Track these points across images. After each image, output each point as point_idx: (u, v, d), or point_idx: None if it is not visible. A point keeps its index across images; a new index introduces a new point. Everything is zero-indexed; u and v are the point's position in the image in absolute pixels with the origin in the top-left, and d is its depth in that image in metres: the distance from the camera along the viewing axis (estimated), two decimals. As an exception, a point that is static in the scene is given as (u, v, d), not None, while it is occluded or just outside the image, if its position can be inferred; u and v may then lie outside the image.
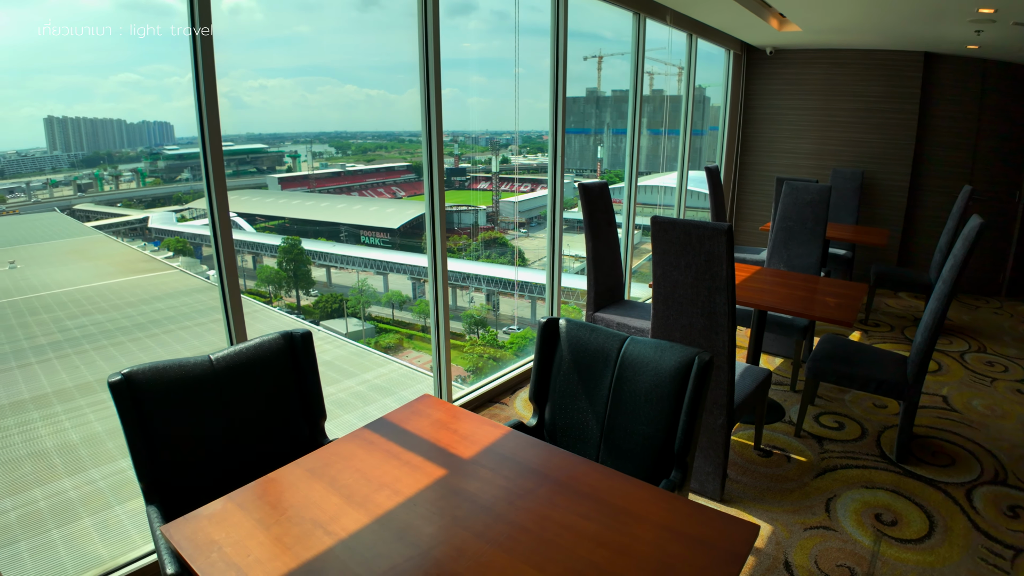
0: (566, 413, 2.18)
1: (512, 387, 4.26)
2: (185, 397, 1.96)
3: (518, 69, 13.48)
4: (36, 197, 11.92)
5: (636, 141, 5.36)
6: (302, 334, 2.17)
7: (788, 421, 3.85)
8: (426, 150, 3.37)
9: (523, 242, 15.80)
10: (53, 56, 12.62)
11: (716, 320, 2.73)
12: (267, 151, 14.66)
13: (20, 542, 3.75)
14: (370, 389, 7.57)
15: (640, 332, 3.74)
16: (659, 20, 5.22)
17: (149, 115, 13.47)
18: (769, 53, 7.24)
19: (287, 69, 17.79)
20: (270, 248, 13.45)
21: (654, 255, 2.82)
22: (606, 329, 2.16)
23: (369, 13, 19.82)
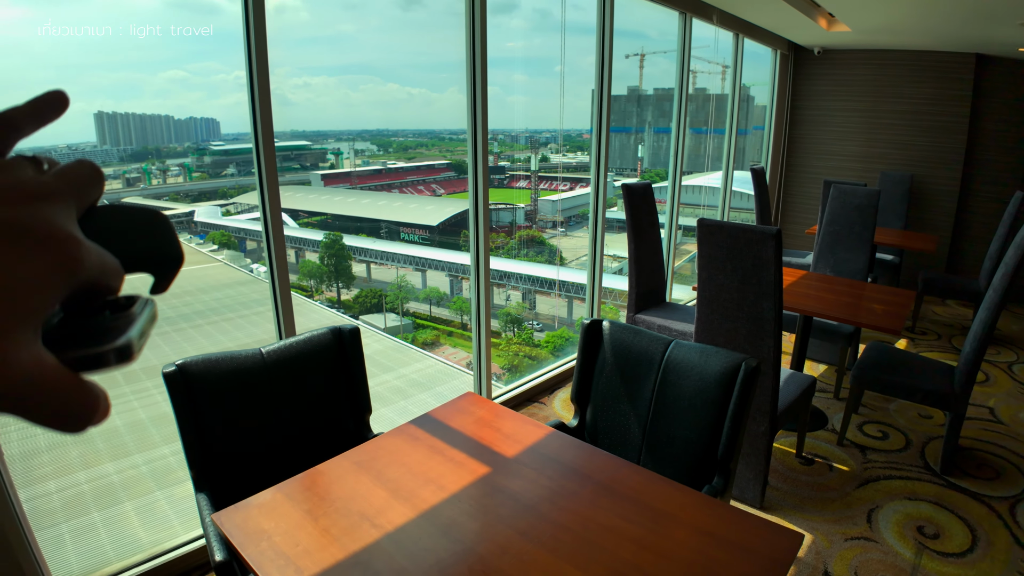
0: (608, 415, 2.19)
1: (551, 387, 4.27)
2: (236, 389, 2.01)
3: (559, 67, 13.43)
4: (87, 189, 12.20)
5: (681, 141, 5.31)
6: (350, 330, 2.21)
7: (831, 429, 3.79)
8: (471, 148, 3.40)
9: (561, 241, 15.78)
10: (105, 53, 12.94)
11: (762, 325, 2.71)
12: (311, 148, 14.89)
13: (61, 524, 3.87)
14: (408, 384, 7.64)
15: (682, 335, 3.72)
16: (706, 20, 5.17)
17: (196, 111, 13.76)
18: (817, 53, 7.11)
19: (331, 67, 18.03)
20: (312, 243, 13.66)
21: (700, 258, 2.80)
22: (650, 332, 2.16)
23: (412, 12, 19.96)
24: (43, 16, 10.83)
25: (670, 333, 3.79)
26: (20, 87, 11.39)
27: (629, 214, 3.89)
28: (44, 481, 4.51)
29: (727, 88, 6.64)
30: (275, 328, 2.68)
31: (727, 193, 6.57)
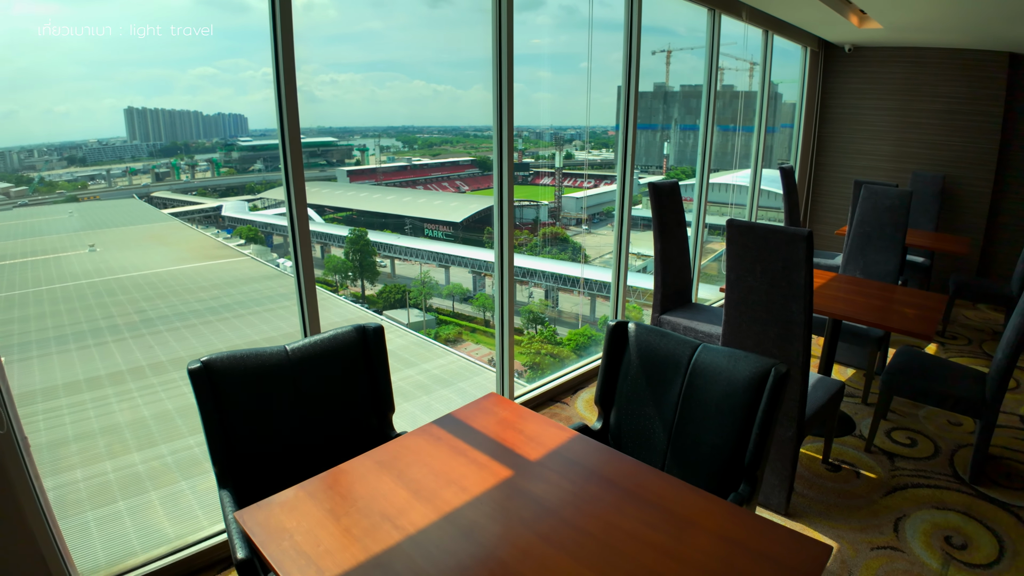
0: (632, 418, 2.16)
1: (574, 387, 4.24)
2: (260, 385, 2.01)
3: (585, 64, 13.29)
4: (116, 184, 12.51)
5: (709, 139, 5.24)
6: (374, 328, 2.20)
7: (859, 435, 3.72)
8: (496, 145, 3.38)
9: (584, 238, 15.74)
10: (137, 50, 13.14)
11: (791, 329, 2.66)
12: (337, 144, 15.03)
13: (87, 513, 3.92)
14: (430, 379, 7.64)
15: (708, 337, 3.67)
16: (735, 16, 5.10)
17: (225, 107, 13.98)
18: (848, 51, 6.99)
19: (358, 64, 18.14)
20: (337, 239, 13.77)
21: (728, 259, 2.76)
22: (677, 335, 2.12)
23: (439, 9, 19.99)
24: (77, 13, 10.80)
25: (696, 335, 3.74)
26: (54, 82, 11.42)
27: (656, 213, 3.84)
28: (71, 470, 4.59)
29: (755, 85, 6.54)
30: (300, 324, 2.69)
31: (755, 192, 6.48)
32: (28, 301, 9.32)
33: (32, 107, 13.47)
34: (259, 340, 8.75)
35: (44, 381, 6.80)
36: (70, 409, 6.00)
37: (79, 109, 14.76)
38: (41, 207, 11.97)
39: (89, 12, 13.62)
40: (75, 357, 7.64)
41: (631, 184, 4.36)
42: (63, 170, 12.03)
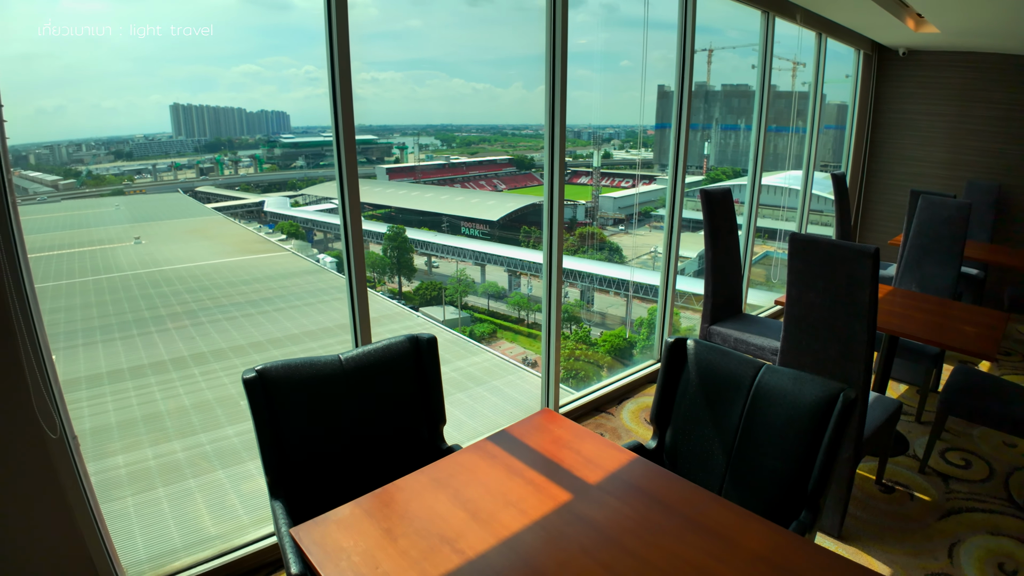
0: (689, 439, 2.09)
1: (619, 397, 4.17)
2: (314, 395, 2.00)
3: (626, 62, 13.18)
4: (161, 178, 12.76)
5: (761, 141, 5.12)
6: (428, 339, 2.17)
7: (912, 455, 3.60)
8: (547, 145, 3.35)
9: (621, 238, 15.60)
10: (182, 47, 13.34)
11: (853, 348, 2.56)
12: (377, 142, 15.13)
13: (127, 498, 3.97)
14: (464, 377, 7.63)
15: (760, 349, 3.58)
16: (788, 19, 4.99)
17: (268, 104, 14.15)
18: (902, 54, 6.79)
19: (398, 63, 18.24)
20: (376, 235, 13.86)
21: (789, 274, 2.67)
22: (738, 354, 2.05)
23: (479, 7, 20.01)
24: (122, 10, 10.98)
25: (747, 347, 3.65)
26: (101, 79, 11.62)
27: (707, 221, 3.75)
28: (113, 455, 4.66)
29: (798, 85, 6.39)
30: (351, 334, 2.68)
31: (806, 196, 6.31)
32: (75, 291, 9.53)
33: (80, 102, 13.78)
34: (298, 334, 8.86)
35: (88, 369, 6.94)
36: (113, 396, 6.12)
37: (126, 105, 15.06)
38: (88, 200, 12.24)
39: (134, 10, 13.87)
40: (119, 346, 7.78)
41: (682, 185, 4.27)
42: (110, 164, 12.28)
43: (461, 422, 5.37)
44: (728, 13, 4.66)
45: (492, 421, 5.56)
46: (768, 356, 3.53)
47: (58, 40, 12.09)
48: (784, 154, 7.67)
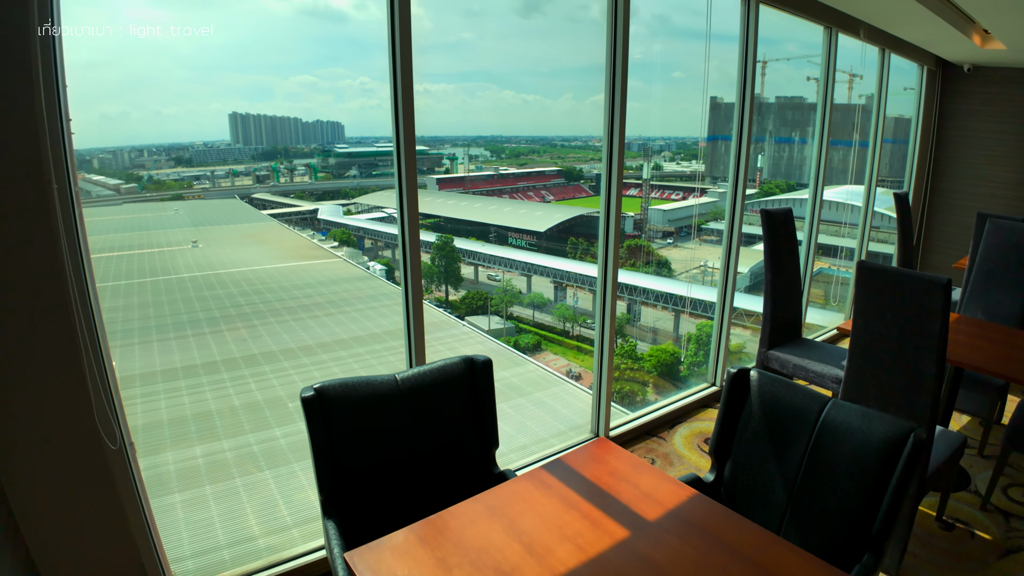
0: (750, 474, 2.02)
1: (671, 421, 4.07)
2: (370, 415, 2.00)
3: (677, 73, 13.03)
4: (219, 184, 13.10)
5: (823, 159, 4.98)
6: (483, 361, 2.15)
7: (974, 491, 3.43)
8: (606, 156, 3.31)
9: (670, 252, 15.41)
10: (242, 56, 13.72)
11: (920, 381, 2.45)
12: (428, 153, 15.31)
13: (175, 494, 4.05)
14: (508, 388, 7.61)
15: (819, 376, 3.46)
16: (852, 35, 4.87)
17: (323, 115, 14.47)
18: (967, 70, 6.56)
19: (451, 74, 18.45)
20: (424, 244, 13.94)
21: (856, 303, 2.58)
22: (804, 387, 1.98)
23: (531, 19, 20.07)
24: (184, 18, 11.33)
25: (806, 374, 3.53)
26: (163, 86, 12.01)
27: (768, 243, 3.64)
28: (163, 452, 4.76)
29: (854, 98, 6.20)
30: (406, 354, 2.68)
31: (868, 214, 6.11)
32: (133, 291, 9.81)
33: (143, 109, 14.29)
34: (347, 339, 8.96)
35: (143, 367, 7.14)
36: (166, 394, 6.27)
37: (186, 112, 15.58)
38: (149, 203, 12.63)
39: (198, 16, 14.37)
40: (174, 345, 7.98)
41: (742, 201, 4.18)
42: (170, 170, 12.67)
43: (509, 436, 5.32)
44: (783, 25, 4.56)
45: (537, 435, 5.52)
46: (828, 384, 3.42)
47: (122, 48, 12.57)
48: (840, 168, 7.48)
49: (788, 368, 3.61)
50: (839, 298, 7.93)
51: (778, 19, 4.43)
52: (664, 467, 3.54)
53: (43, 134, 1.73)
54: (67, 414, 1.91)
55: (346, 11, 18.23)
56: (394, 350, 9.28)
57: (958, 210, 6.81)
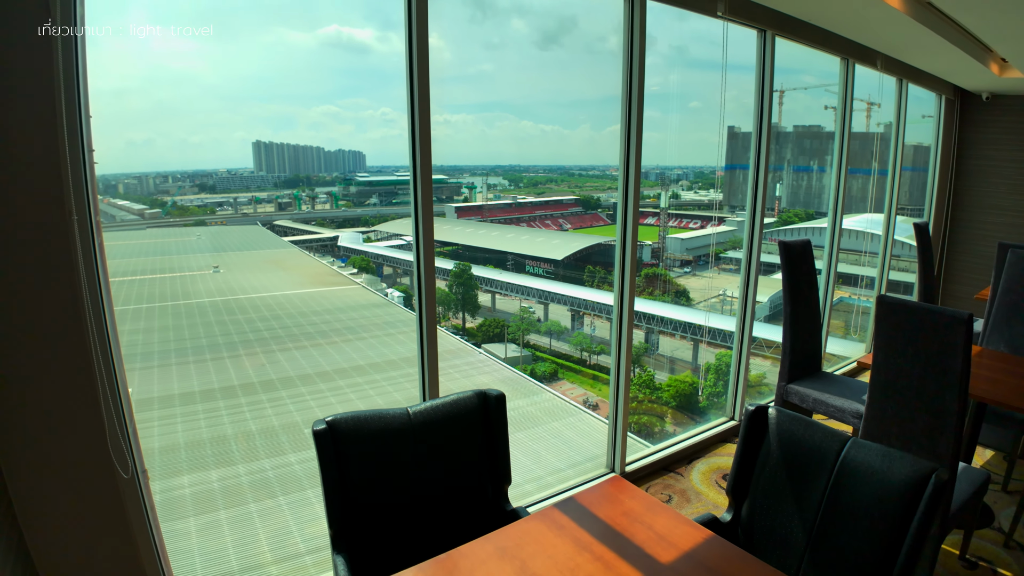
0: (768, 514, 1.96)
1: (689, 456, 3.99)
2: (382, 449, 1.97)
3: (695, 103, 13.10)
4: (241, 211, 13.29)
5: (841, 188, 4.94)
6: (496, 395, 2.12)
7: (998, 528, 3.32)
8: (622, 186, 3.31)
9: (688, 280, 15.34)
10: (267, 87, 14.04)
11: (943, 419, 2.39)
12: (447, 181, 15.48)
13: (190, 518, 4.06)
14: (522, 416, 7.56)
15: (840, 411, 3.39)
16: (869, 65, 4.86)
17: (345, 144, 14.73)
18: (985, 99, 6.50)
19: (470, 105, 18.73)
20: (442, 272, 14.02)
21: (877, 338, 2.52)
22: (823, 426, 1.93)
23: (550, 51, 20.33)
24: (213, 51, 11.69)
25: (826, 408, 3.46)
26: (189, 115, 12.34)
27: (786, 275, 3.59)
28: (179, 475, 4.76)
29: (872, 126, 6.15)
30: (420, 387, 2.66)
31: (888, 243, 6.03)
32: (154, 314, 9.92)
33: (169, 136, 14.62)
34: (363, 365, 8.96)
35: (162, 390, 7.19)
36: (183, 418, 6.30)
37: (211, 140, 15.93)
38: (172, 228, 12.83)
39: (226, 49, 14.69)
40: (192, 369, 8.04)
41: (760, 232, 4.14)
42: (194, 196, 12.90)
43: (525, 467, 5.30)
44: (799, 55, 4.57)
45: (553, 466, 5.47)
46: (849, 419, 3.34)
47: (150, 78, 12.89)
48: (858, 196, 7.42)
49: (808, 403, 3.54)
50: (859, 328, 7.83)
51: (795, 49, 4.44)
52: (681, 504, 3.46)
53: (64, 165, 1.76)
54: (80, 442, 1.90)
55: (369, 43, 18.58)
56: (410, 377, 9.22)
57: (979, 240, 6.71)
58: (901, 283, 8.28)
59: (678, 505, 3.45)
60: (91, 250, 1.88)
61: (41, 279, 1.78)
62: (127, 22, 13.85)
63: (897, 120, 5.79)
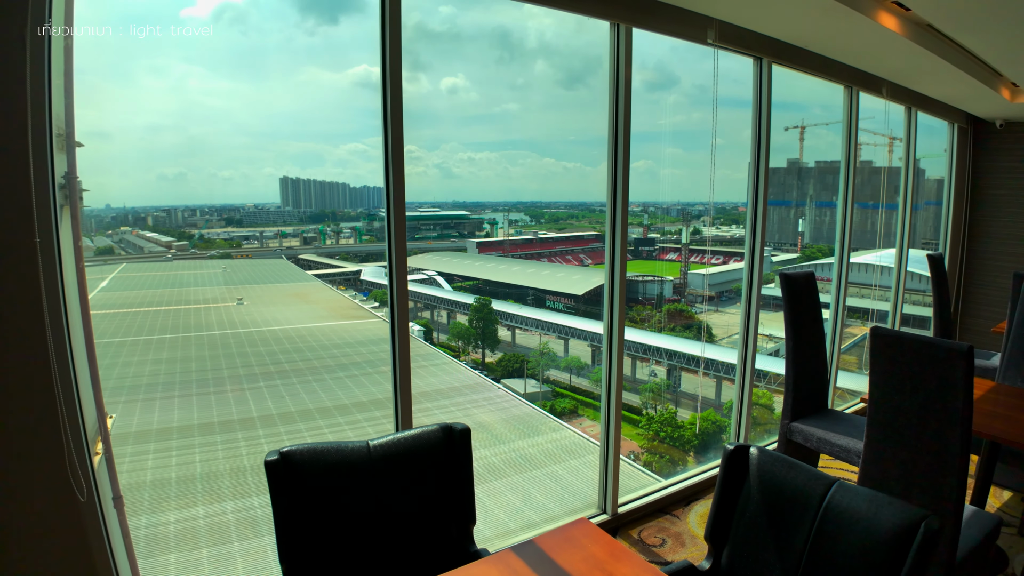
0: (748, 562, 1.80)
1: (687, 497, 3.75)
2: (339, 483, 1.86)
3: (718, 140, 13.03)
4: (267, 245, 13.49)
5: (848, 219, 4.77)
6: (461, 430, 2.00)
7: (1011, 574, 3.06)
8: (609, 222, 3.26)
9: (712, 317, 15.07)
10: (297, 125, 14.48)
11: (944, 460, 2.19)
12: (469, 217, 15.57)
13: (171, 554, 4.02)
14: (540, 453, 7.47)
15: (845, 451, 3.18)
16: (874, 93, 4.71)
17: (370, 181, 15.01)
18: (999, 126, 6.29)
19: (493, 143, 19.04)
20: (463, 306, 14.01)
21: (872, 374, 2.35)
22: (807, 467, 1.77)
23: (575, 91, 20.55)
24: (246, 89, 12.16)
25: (831, 448, 3.25)
26: (220, 150, 12.70)
27: (788, 308, 3.42)
28: (166, 511, 4.69)
29: (895, 161, 5.97)
30: (393, 412, 2.56)
31: (901, 276, 5.80)
32: (177, 345, 10.02)
33: (199, 171, 14.99)
34: (382, 399, 8.89)
35: (182, 419, 7.21)
36: (201, 448, 6.30)
37: (240, 175, 16.27)
38: (198, 261, 13.07)
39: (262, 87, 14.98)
40: (212, 400, 8.06)
41: (760, 265, 3.99)
42: (220, 229, 13.17)
43: (540, 504, 5.19)
44: (819, 90, 4.48)
45: (571, 505, 5.34)
46: (854, 459, 3.13)
47: (184, 114, 13.25)
48: (883, 231, 7.23)
49: (812, 442, 3.33)
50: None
51: (813, 84, 4.35)
52: (675, 548, 3.25)
53: (28, 188, 1.72)
54: (36, 463, 1.85)
55: (399, 83, 18.86)
56: (428, 412, 9.17)
57: (997, 271, 6.44)
58: (919, 317, 8.02)
59: (671, 549, 3.24)
60: (55, 273, 1.83)
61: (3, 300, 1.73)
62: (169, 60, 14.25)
63: (907, 149, 5.63)
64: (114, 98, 14.06)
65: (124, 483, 2.41)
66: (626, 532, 3.32)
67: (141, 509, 5.30)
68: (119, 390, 8.00)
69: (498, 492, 5.78)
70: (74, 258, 2.16)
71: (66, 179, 2.12)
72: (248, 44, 16.85)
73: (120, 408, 7.42)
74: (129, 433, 6.82)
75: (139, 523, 4.99)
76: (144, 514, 5.08)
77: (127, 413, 7.31)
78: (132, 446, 6.53)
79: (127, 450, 6.42)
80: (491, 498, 5.77)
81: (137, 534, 4.76)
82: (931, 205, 7.05)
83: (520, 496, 5.59)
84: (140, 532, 4.90)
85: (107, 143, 14.15)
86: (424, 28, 21.92)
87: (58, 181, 2.10)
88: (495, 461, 7.11)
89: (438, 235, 14.65)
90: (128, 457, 6.20)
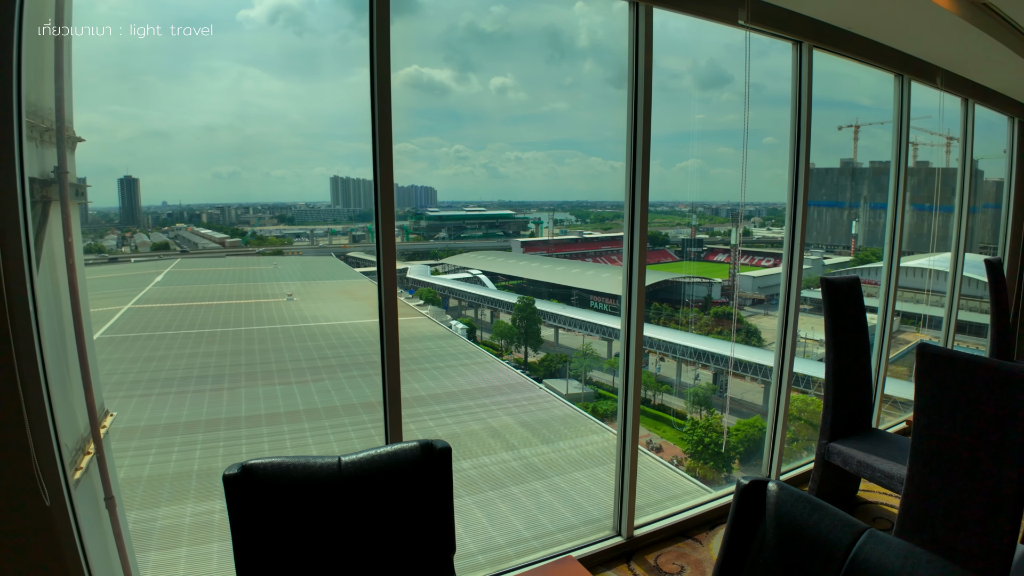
0: (761, 617, 1.51)
1: (712, 520, 3.36)
2: (305, 503, 1.65)
3: (769, 139, 12.49)
4: (317, 243, 13.68)
5: (899, 219, 4.33)
6: (441, 448, 1.76)
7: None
8: (627, 220, 3.00)
9: (760, 320, 14.49)
10: (347, 126, 14.68)
11: (998, 500, 1.85)
12: (514, 217, 15.42)
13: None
14: (582, 455, 7.34)
15: (888, 478, 2.81)
16: (927, 83, 4.27)
17: (418, 180, 15.10)
18: (1064, 122, 5.72)
19: (541, 143, 18.94)
20: (506, 305, 13.84)
21: (918, 397, 2.01)
22: (835, 510, 1.47)
23: (623, 89, 20.26)
24: (299, 90, 12.45)
25: (872, 473, 2.87)
26: (273, 150, 12.91)
27: (829, 318, 3.05)
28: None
29: (953, 161, 5.50)
30: (383, 419, 2.39)
31: (956, 282, 5.30)
32: (228, 338, 10.17)
33: (253, 170, 15.32)
34: (424, 396, 8.83)
35: (229, 412, 7.27)
36: (247, 440, 6.31)
37: (293, 175, 16.53)
38: (250, 257, 13.30)
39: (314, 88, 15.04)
40: (260, 392, 8.12)
41: (800, 264, 3.65)
42: (273, 227, 13.38)
43: (577, 506, 4.97)
44: (873, 86, 4.11)
45: (589, 516, 5.10)
46: (897, 486, 2.76)
47: (240, 115, 13.49)
48: (940, 234, 6.77)
49: (852, 465, 2.96)
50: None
51: (865, 77, 3.98)
52: (695, 576, 2.92)
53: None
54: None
55: (448, 84, 18.89)
56: (469, 410, 9.07)
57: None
58: (974, 324, 7.47)
59: (691, 580, 2.90)
60: (22, 272, 1.69)
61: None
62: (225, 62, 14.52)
63: (963, 146, 5.14)
64: (172, 99, 14.47)
65: (172, 472, 2.31)
66: (641, 557, 2.97)
67: (187, 497, 5.33)
68: (170, 381, 8.13)
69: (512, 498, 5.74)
70: (64, 255, 2.05)
71: (56, 174, 2.01)
72: (302, 45, 17.07)
73: (171, 399, 7.54)
74: (179, 424, 6.90)
75: (184, 511, 5.01)
76: (190, 502, 5.10)
77: (177, 404, 7.41)
78: (181, 436, 6.60)
79: (176, 440, 6.49)
80: (529, 499, 5.73)
81: (181, 523, 4.76)
82: (989, 208, 6.53)
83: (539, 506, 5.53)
84: (184, 520, 4.92)
85: (165, 143, 14.57)
86: (475, 28, 21.84)
87: (47, 176, 2.00)
88: (535, 462, 6.98)
89: (483, 234, 14.51)
90: (177, 448, 6.26)
